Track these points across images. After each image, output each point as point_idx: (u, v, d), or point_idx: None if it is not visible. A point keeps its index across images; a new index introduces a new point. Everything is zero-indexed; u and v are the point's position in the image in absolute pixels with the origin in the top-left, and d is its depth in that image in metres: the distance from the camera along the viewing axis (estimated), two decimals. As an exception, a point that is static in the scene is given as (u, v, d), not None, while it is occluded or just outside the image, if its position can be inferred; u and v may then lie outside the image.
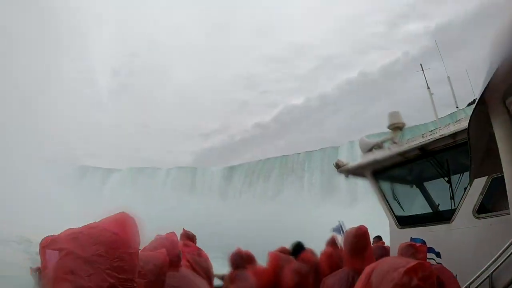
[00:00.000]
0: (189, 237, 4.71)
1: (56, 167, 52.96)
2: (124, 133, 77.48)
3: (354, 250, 3.63)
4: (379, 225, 5.94)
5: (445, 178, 4.80)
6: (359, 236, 3.67)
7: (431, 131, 4.95)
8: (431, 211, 5.27)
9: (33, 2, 62.07)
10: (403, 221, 5.34)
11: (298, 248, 5.03)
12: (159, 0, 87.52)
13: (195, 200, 55.68)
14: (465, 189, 4.45)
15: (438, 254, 4.55)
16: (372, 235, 7.42)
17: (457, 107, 6.27)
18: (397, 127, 5.48)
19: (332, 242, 5.78)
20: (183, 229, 4.68)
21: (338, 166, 6.15)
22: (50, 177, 48.78)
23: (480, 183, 4.24)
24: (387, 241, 6.07)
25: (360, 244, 3.64)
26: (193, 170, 65.47)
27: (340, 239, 5.37)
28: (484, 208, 4.23)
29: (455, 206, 4.57)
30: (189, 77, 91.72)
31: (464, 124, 4.24)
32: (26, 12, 60.65)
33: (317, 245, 5.73)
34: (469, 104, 6.95)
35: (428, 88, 6.28)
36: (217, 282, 4.90)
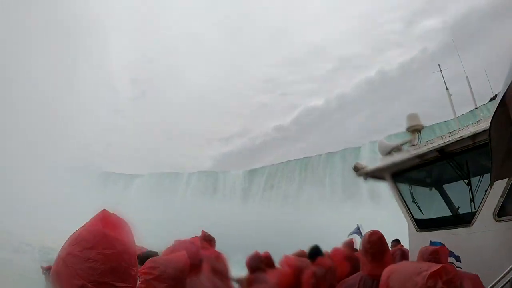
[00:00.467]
0: (208, 240, 4.72)
1: (79, 174, 54.21)
2: (145, 139, 78.73)
3: (369, 255, 3.58)
4: (402, 227, 5.88)
5: (465, 180, 4.71)
6: (373, 242, 3.60)
7: (450, 132, 4.88)
8: (451, 214, 5.18)
9: (55, 10, 64.00)
10: (422, 225, 5.26)
11: (315, 252, 5.00)
12: (177, 7, 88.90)
13: (217, 204, 56.01)
14: (485, 191, 4.35)
15: (457, 258, 4.46)
16: (394, 237, 7.34)
17: (476, 107, 6.17)
18: (415, 130, 5.46)
19: (349, 245, 5.75)
20: (202, 231, 4.65)
21: (356, 169, 6.12)
22: (73, 184, 49.91)
23: (500, 185, 4.14)
24: (406, 244, 5.99)
25: (374, 249, 3.57)
26: (214, 174, 65.96)
27: (358, 242, 5.34)
28: (504, 211, 4.13)
29: (475, 209, 4.47)
30: (208, 82, 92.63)
31: (483, 125, 4.19)
32: (47, 21, 62.55)
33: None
34: (491, 99, 6.78)
35: (447, 89, 6.20)
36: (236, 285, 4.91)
